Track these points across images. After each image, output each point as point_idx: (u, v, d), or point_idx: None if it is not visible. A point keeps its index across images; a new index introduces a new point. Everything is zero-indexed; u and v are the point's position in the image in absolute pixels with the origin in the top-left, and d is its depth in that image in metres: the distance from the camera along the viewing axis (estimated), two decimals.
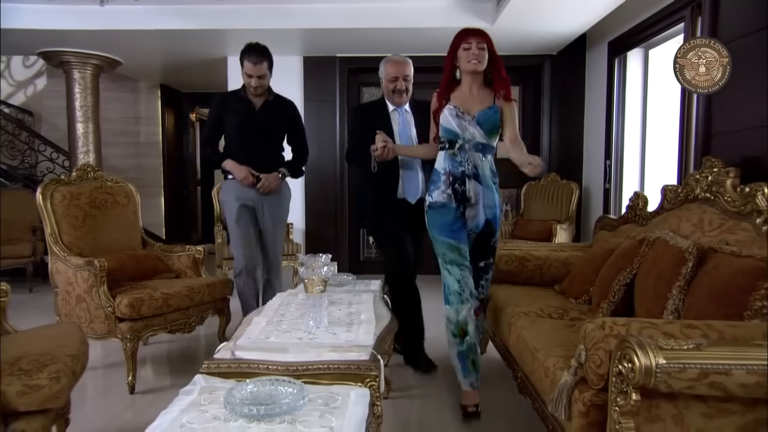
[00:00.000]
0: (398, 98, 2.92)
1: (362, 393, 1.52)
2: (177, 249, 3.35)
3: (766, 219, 1.77)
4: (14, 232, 5.13)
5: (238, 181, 3.09)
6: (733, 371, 1.16)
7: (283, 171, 3.22)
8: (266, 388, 1.45)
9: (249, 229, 3.16)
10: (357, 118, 3.16)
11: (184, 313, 2.89)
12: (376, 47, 5.18)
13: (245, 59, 2.98)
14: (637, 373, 1.20)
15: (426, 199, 2.48)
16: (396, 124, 2.93)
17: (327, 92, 5.53)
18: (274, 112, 3.16)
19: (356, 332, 1.94)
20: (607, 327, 1.42)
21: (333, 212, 5.64)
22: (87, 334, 2.57)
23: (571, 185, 4.98)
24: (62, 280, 2.81)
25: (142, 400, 2.60)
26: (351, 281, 2.88)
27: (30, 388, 1.58)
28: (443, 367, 2.88)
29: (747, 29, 2.16)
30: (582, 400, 1.46)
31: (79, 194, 3.06)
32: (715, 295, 1.61)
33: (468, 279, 2.37)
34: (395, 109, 2.95)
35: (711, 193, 2.07)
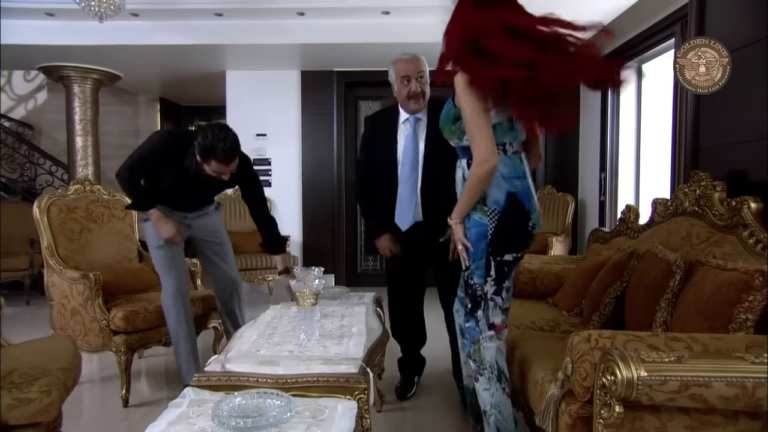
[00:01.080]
0: (414, 104, 2.48)
1: (350, 405, 1.53)
2: None
3: (751, 232, 1.79)
4: (12, 245, 5.14)
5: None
6: (713, 383, 1.17)
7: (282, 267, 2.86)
8: (254, 400, 1.46)
9: (179, 253, 2.80)
10: (367, 126, 2.77)
11: None
12: (373, 62, 5.24)
13: (213, 158, 2.42)
14: (619, 385, 1.21)
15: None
16: (402, 136, 2.54)
17: (324, 106, 5.59)
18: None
19: (347, 345, 1.95)
20: (593, 339, 1.43)
21: (330, 225, 5.66)
22: (82, 347, 2.59)
23: (566, 198, 5.01)
24: (58, 293, 2.83)
25: (136, 413, 2.60)
26: (345, 294, 2.89)
27: (20, 402, 1.59)
28: (437, 383, 2.88)
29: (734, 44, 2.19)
30: (569, 413, 1.47)
31: (76, 208, 3.08)
32: (701, 308, 1.63)
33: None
34: (407, 118, 2.54)
35: (699, 207, 2.09)
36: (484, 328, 1.85)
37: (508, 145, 1.82)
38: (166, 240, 2.66)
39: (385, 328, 2.39)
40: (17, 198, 5.89)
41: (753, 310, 1.54)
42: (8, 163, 6.05)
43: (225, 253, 2.96)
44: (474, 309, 1.86)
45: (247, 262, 4.94)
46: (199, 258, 3.15)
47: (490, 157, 1.69)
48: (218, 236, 2.95)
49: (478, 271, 1.83)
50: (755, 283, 1.54)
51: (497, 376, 1.85)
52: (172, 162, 2.56)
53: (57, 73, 5.36)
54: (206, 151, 2.41)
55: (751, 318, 1.53)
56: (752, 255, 1.73)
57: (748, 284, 1.56)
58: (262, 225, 2.84)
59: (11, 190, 5.99)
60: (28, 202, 5.54)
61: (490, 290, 1.82)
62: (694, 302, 1.71)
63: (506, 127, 1.81)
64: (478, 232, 1.80)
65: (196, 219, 2.86)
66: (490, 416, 1.85)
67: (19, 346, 2.03)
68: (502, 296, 1.84)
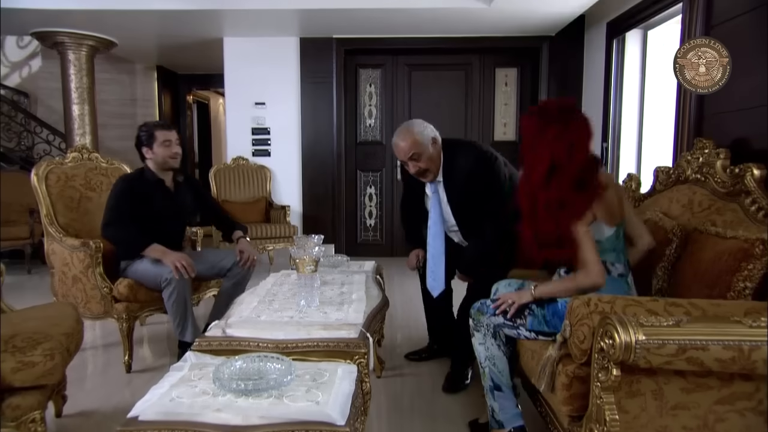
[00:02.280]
0: (425, 179, 2.46)
1: (350, 369, 1.55)
2: None
3: (754, 199, 1.78)
4: (12, 214, 5.15)
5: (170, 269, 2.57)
6: (709, 346, 1.18)
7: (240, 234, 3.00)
8: (255, 364, 1.48)
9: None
10: (404, 178, 2.70)
11: None
12: (373, 28, 5.15)
13: (156, 130, 2.72)
14: (618, 349, 1.22)
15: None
16: (428, 201, 2.56)
17: (324, 74, 5.50)
18: (188, 189, 2.97)
19: (347, 311, 1.97)
20: (592, 304, 1.44)
21: (330, 195, 5.65)
22: (83, 315, 2.61)
23: None
24: (58, 261, 2.84)
25: (139, 378, 2.64)
26: (345, 262, 2.90)
27: (24, 365, 1.61)
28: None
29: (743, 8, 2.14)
30: (565, 373, 1.49)
31: (74, 176, 3.06)
32: (698, 276, 1.63)
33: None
34: (430, 184, 2.52)
35: (701, 174, 2.07)
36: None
37: (610, 264, 1.70)
38: (179, 267, 2.54)
39: (385, 296, 2.40)
40: (15, 167, 5.85)
41: (752, 279, 1.55)
42: (5, 132, 5.99)
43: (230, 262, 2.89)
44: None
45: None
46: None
47: (599, 281, 1.63)
48: (218, 261, 2.90)
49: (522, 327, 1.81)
50: (755, 251, 1.54)
51: (492, 333, 1.89)
52: (140, 197, 2.72)
53: (51, 39, 5.25)
54: (149, 133, 2.73)
55: (749, 286, 1.54)
56: (754, 222, 1.72)
57: (748, 252, 1.56)
58: (229, 227, 3.05)
59: (9, 159, 5.95)
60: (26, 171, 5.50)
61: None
62: (692, 270, 1.71)
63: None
64: (562, 313, 1.70)
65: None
66: (485, 368, 1.91)
67: (21, 312, 2.05)
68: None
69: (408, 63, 5.64)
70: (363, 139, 5.78)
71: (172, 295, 2.58)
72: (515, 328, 1.81)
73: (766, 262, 1.54)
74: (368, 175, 5.82)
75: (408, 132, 2.34)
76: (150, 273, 2.63)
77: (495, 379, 1.89)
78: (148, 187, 2.77)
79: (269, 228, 5.01)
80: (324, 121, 5.56)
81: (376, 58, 5.64)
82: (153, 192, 2.77)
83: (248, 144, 5.63)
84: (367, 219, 5.86)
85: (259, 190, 5.49)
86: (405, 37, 5.36)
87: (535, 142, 1.64)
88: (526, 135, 1.69)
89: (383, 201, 5.81)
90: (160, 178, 2.81)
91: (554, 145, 1.59)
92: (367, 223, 5.87)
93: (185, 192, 2.95)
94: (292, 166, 5.66)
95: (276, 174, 5.63)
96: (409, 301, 3.98)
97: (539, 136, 1.63)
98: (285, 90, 5.54)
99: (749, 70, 2.05)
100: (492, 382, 1.89)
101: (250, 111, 5.58)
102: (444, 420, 2.20)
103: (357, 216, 5.86)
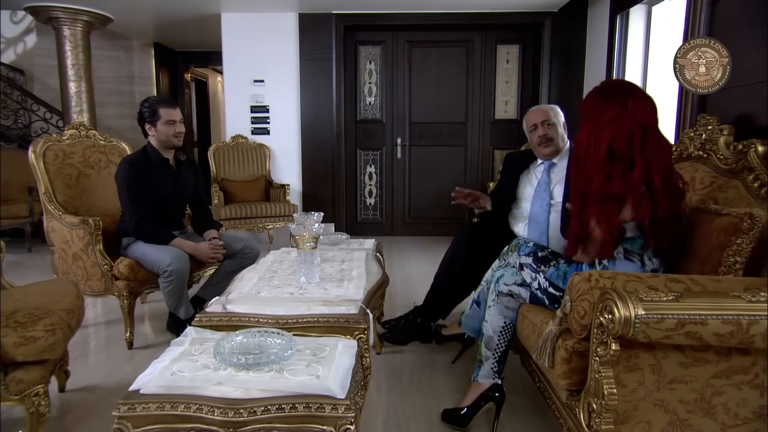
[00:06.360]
0: (544, 149, 2.52)
1: (350, 344, 1.56)
2: None
3: (756, 176, 1.76)
4: (11, 192, 5.13)
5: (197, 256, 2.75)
6: (708, 321, 1.18)
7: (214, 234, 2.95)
8: (255, 339, 1.48)
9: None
10: (504, 163, 2.88)
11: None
12: (373, 3, 5.06)
13: (160, 107, 2.69)
14: (617, 323, 1.22)
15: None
16: (535, 179, 2.58)
17: (323, 50, 5.42)
18: (190, 170, 2.98)
19: (347, 287, 1.97)
20: (593, 279, 1.44)
21: (330, 172, 5.62)
22: (84, 292, 2.62)
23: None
24: (58, 239, 2.83)
25: (141, 354, 2.67)
26: (345, 240, 2.91)
27: (26, 340, 1.62)
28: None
29: None
30: (565, 347, 1.50)
31: (72, 153, 3.04)
32: (693, 253, 1.63)
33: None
34: (542, 163, 2.57)
35: (704, 151, 2.06)
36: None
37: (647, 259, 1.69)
38: (214, 257, 2.77)
39: (385, 273, 2.41)
40: (13, 145, 5.81)
41: (741, 253, 1.55)
42: (2, 109, 5.93)
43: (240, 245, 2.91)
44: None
45: (247, 211, 4.94)
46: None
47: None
48: (229, 243, 2.90)
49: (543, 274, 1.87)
50: (743, 225, 1.54)
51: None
52: (147, 180, 2.72)
53: (45, 14, 5.16)
54: (152, 109, 2.69)
55: (739, 261, 1.54)
56: (756, 199, 1.72)
57: (738, 227, 1.56)
58: (206, 223, 3.00)
59: (7, 137, 5.90)
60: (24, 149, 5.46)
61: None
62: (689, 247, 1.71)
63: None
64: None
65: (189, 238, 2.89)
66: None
67: (22, 288, 2.05)
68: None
69: (408, 40, 5.57)
70: (363, 117, 5.74)
71: (170, 284, 2.62)
72: (537, 271, 1.86)
73: (754, 236, 1.54)
74: (368, 153, 5.79)
75: (549, 107, 2.65)
76: (149, 258, 2.65)
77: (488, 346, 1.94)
78: (152, 168, 2.77)
79: (269, 207, 5.00)
80: (323, 99, 5.50)
81: (376, 35, 5.57)
82: (158, 173, 2.78)
83: (247, 122, 5.58)
84: (367, 198, 5.85)
85: (258, 169, 5.47)
86: (405, 12, 5.27)
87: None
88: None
89: (383, 180, 5.79)
90: (164, 157, 2.81)
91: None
92: (367, 202, 5.86)
93: (187, 172, 2.96)
94: (291, 145, 5.63)
95: (275, 152, 5.60)
96: (408, 279, 3.99)
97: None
98: (284, 67, 5.48)
99: (754, 46, 2.02)
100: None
101: (248, 88, 5.52)
102: (443, 396, 2.23)
103: (357, 195, 5.85)
